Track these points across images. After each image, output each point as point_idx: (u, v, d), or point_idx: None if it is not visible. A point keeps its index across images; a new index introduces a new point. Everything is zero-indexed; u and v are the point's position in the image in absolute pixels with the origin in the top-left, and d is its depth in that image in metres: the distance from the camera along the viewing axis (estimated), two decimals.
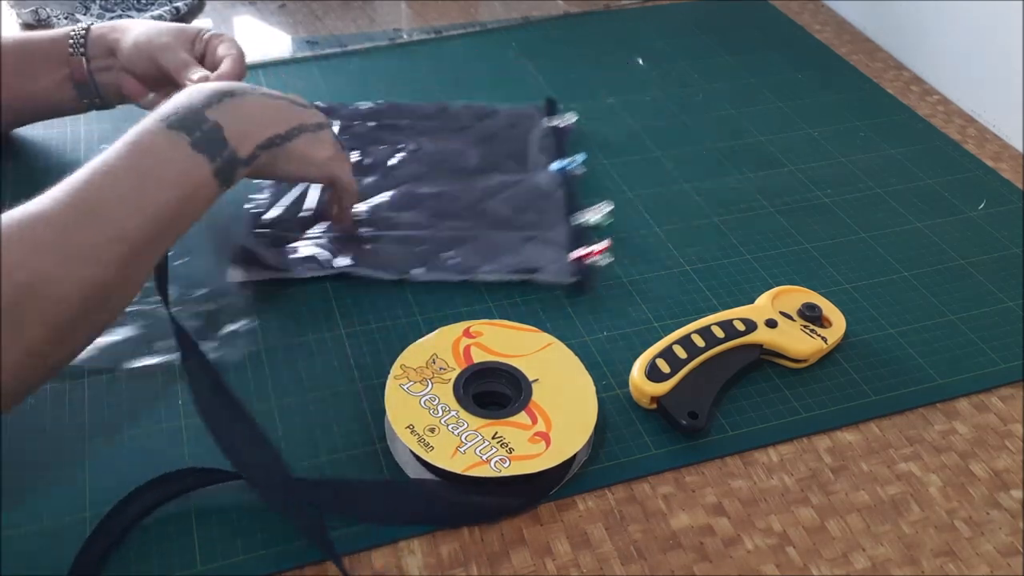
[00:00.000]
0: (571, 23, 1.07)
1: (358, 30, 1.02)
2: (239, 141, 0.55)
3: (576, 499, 0.53)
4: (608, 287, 0.68)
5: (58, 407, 0.56)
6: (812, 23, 1.10)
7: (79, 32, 0.70)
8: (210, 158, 0.53)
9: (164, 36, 0.69)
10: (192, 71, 0.67)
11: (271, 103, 0.59)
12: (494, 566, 0.49)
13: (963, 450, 0.58)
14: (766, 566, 0.50)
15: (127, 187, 0.50)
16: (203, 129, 0.54)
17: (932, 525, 0.53)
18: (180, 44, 0.69)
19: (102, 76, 0.71)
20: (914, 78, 1.00)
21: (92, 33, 0.70)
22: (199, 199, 0.54)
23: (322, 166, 0.62)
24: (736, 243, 0.73)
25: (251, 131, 0.56)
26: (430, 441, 0.52)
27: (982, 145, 0.88)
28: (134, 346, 0.60)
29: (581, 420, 0.54)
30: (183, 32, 0.70)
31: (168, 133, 0.53)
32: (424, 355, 0.57)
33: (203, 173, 0.53)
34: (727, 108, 0.92)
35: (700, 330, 0.61)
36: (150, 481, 0.50)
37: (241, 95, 0.57)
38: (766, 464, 0.56)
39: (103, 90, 0.72)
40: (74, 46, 0.70)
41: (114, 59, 0.71)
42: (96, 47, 0.70)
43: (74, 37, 0.70)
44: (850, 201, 0.79)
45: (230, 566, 0.48)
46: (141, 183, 0.51)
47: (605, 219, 0.72)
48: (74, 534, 0.49)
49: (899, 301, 0.68)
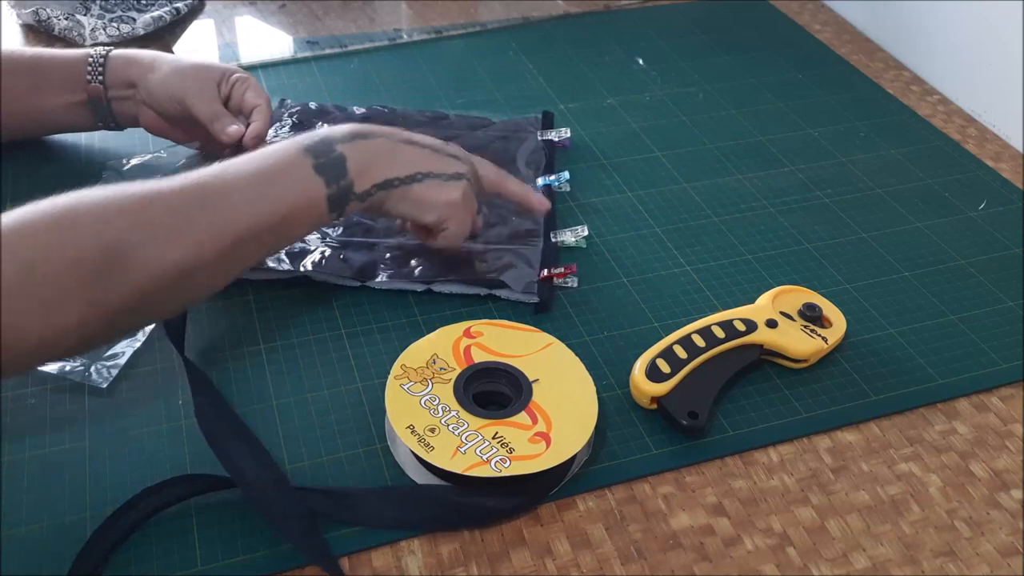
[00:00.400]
0: (571, 23, 1.07)
1: (358, 30, 1.02)
2: (358, 175, 0.57)
3: (576, 499, 0.53)
4: (608, 287, 0.68)
5: (59, 406, 0.56)
6: (812, 23, 1.10)
7: (98, 58, 0.71)
8: (327, 182, 0.56)
9: (193, 80, 0.70)
10: (226, 123, 0.69)
11: (401, 148, 0.60)
12: (494, 566, 0.49)
13: (963, 450, 0.58)
14: (766, 566, 0.50)
15: (246, 188, 0.53)
16: (329, 156, 0.56)
17: (932, 525, 0.53)
18: (210, 91, 0.70)
19: (119, 105, 0.73)
20: (914, 78, 1.00)
21: (111, 62, 0.71)
22: (307, 218, 0.56)
23: (439, 210, 0.61)
24: (736, 243, 0.73)
25: (372, 170, 0.58)
26: (430, 441, 0.52)
27: (982, 145, 0.88)
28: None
29: (581, 420, 0.54)
30: (210, 73, 0.71)
31: (299, 153, 0.55)
32: (424, 355, 0.57)
33: (318, 195, 0.55)
34: (727, 108, 0.92)
35: (700, 330, 0.61)
36: (150, 487, 0.50)
37: (373, 136, 0.59)
38: (766, 464, 0.56)
39: (119, 117, 0.74)
40: (92, 72, 0.71)
41: (133, 90, 0.72)
42: (115, 77, 0.71)
43: (92, 64, 0.71)
44: (850, 201, 0.79)
45: (230, 566, 0.48)
46: (260, 188, 0.53)
47: (581, 242, 0.72)
48: (74, 534, 0.49)
49: (899, 301, 0.68)
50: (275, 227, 0.54)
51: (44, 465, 0.53)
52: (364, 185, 0.58)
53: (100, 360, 0.58)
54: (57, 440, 0.54)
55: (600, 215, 0.75)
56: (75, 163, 0.77)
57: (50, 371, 0.57)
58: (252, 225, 0.52)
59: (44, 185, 0.49)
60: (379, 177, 0.58)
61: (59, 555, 0.48)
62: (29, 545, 0.49)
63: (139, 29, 0.96)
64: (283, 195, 0.54)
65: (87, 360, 0.58)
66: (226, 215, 0.51)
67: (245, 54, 0.96)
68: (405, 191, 0.59)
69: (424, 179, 0.60)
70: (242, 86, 0.71)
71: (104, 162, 0.76)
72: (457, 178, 0.61)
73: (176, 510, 0.51)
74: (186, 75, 0.70)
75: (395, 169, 0.59)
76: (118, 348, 0.59)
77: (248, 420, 0.55)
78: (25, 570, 0.47)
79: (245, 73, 0.72)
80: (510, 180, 0.67)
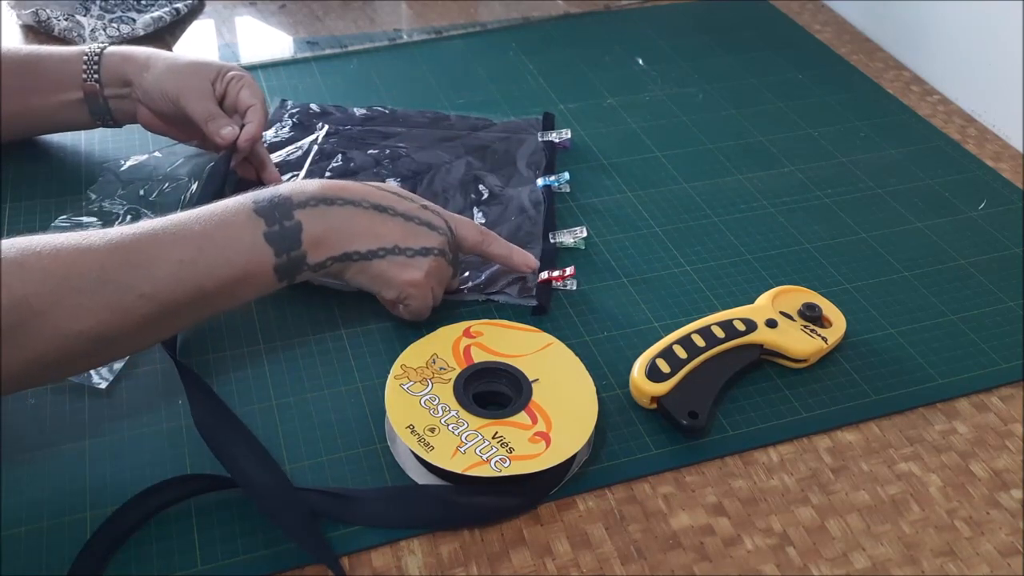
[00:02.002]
0: (571, 23, 1.07)
1: (358, 30, 1.02)
2: (313, 246, 0.54)
3: (576, 499, 0.53)
4: (608, 287, 0.68)
5: (59, 406, 0.56)
6: (812, 23, 1.10)
7: (92, 55, 0.70)
8: (276, 252, 0.53)
9: (188, 79, 0.69)
10: (220, 125, 0.68)
11: (367, 217, 0.57)
12: (494, 566, 0.49)
13: (963, 450, 0.58)
14: (766, 566, 0.50)
15: (185, 248, 0.50)
16: (283, 224, 0.53)
17: (932, 525, 0.53)
18: (205, 90, 0.69)
19: (116, 103, 0.72)
20: (914, 78, 1.00)
21: (105, 60, 0.70)
22: (250, 286, 0.53)
23: (398, 288, 0.58)
24: (736, 243, 0.73)
25: (331, 241, 0.55)
26: (430, 441, 0.52)
27: (982, 145, 0.88)
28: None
29: (581, 420, 0.54)
30: (205, 71, 0.70)
31: (251, 215, 0.53)
32: (424, 355, 0.57)
33: (263, 264, 0.53)
34: (727, 108, 0.92)
35: (700, 330, 0.61)
36: (151, 487, 0.50)
37: (339, 203, 0.56)
38: (766, 464, 0.56)
39: (116, 114, 0.73)
40: (87, 70, 0.70)
41: (129, 89, 0.71)
42: (110, 74, 0.70)
43: (87, 61, 0.70)
44: (850, 201, 0.79)
45: (230, 566, 0.48)
46: (201, 251, 0.50)
47: (580, 243, 0.71)
48: (74, 534, 0.49)
49: (899, 301, 0.68)
50: (211, 294, 0.51)
51: (44, 465, 0.53)
52: (318, 257, 0.55)
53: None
54: (57, 440, 0.54)
55: (600, 215, 0.75)
56: (73, 163, 0.77)
57: None
58: (185, 293, 0.50)
59: (43, 185, 0.49)
60: (336, 251, 0.55)
61: (59, 555, 0.48)
62: (29, 545, 0.49)
63: (139, 29, 0.96)
64: (225, 261, 0.51)
65: None
66: (155, 281, 0.48)
67: (245, 54, 0.96)
68: (364, 266, 0.56)
69: (386, 255, 0.57)
70: (237, 84, 0.70)
71: (102, 162, 0.76)
72: (424, 253, 0.58)
73: (176, 510, 0.51)
74: (181, 73, 0.69)
75: (356, 243, 0.56)
76: None
77: (248, 420, 0.55)
78: (25, 570, 0.47)
79: (241, 71, 0.71)
80: (493, 241, 0.63)
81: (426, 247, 0.58)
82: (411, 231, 0.58)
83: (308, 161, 0.77)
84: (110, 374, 0.58)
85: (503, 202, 0.75)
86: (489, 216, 0.73)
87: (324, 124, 0.82)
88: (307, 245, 0.54)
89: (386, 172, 0.77)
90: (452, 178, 0.77)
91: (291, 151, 0.79)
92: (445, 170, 0.78)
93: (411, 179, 0.76)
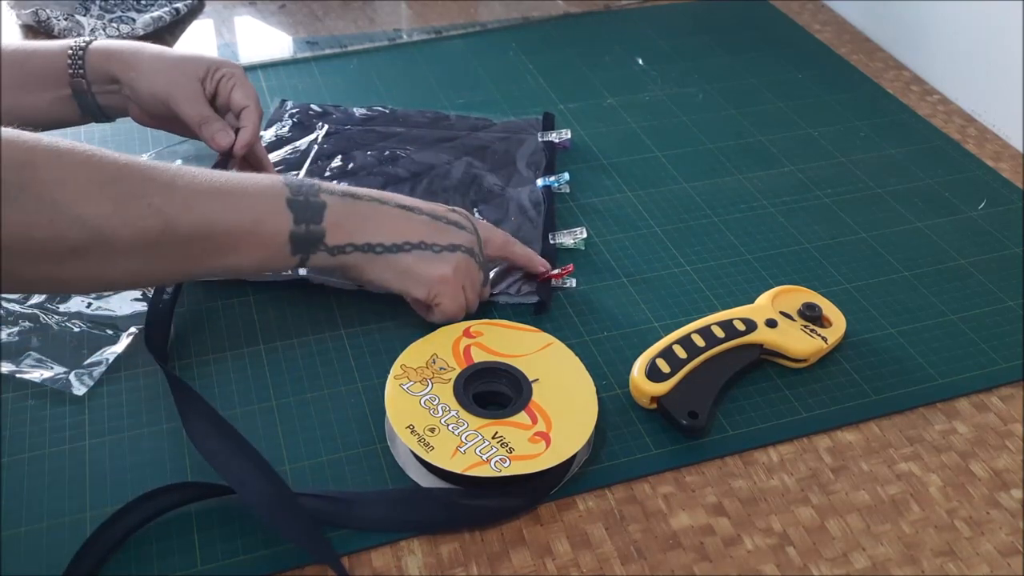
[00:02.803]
0: (571, 23, 1.07)
1: (358, 30, 1.02)
2: (334, 227, 0.54)
3: (576, 499, 0.53)
4: (608, 287, 0.68)
5: (59, 407, 0.56)
6: (812, 23, 1.10)
7: (77, 50, 0.68)
8: (295, 219, 0.53)
9: (177, 79, 0.67)
10: (214, 129, 0.67)
11: (391, 212, 0.57)
12: (494, 566, 0.49)
13: (963, 450, 0.58)
14: (766, 566, 0.50)
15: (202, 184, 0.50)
16: (308, 199, 0.53)
17: (932, 525, 0.53)
18: (194, 90, 0.67)
19: (104, 98, 0.70)
20: (914, 78, 1.00)
21: (90, 56, 0.68)
22: (262, 246, 0.53)
23: (427, 285, 0.58)
24: (736, 243, 0.73)
25: (353, 227, 0.55)
26: (430, 441, 0.52)
27: (982, 145, 0.88)
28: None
29: (581, 420, 0.54)
30: (193, 69, 0.68)
31: (278, 182, 0.53)
32: (424, 355, 0.57)
33: (280, 224, 0.53)
34: (727, 108, 0.92)
35: (700, 330, 0.61)
36: (150, 492, 0.50)
37: (366, 200, 0.56)
38: (766, 464, 0.56)
39: (107, 110, 0.71)
40: (72, 66, 0.68)
41: (117, 85, 0.69)
42: (95, 73, 0.68)
43: (72, 56, 0.68)
44: (850, 201, 0.79)
45: (230, 566, 0.48)
46: (218, 192, 0.51)
47: (580, 244, 0.71)
48: (74, 534, 0.49)
49: (899, 301, 0.68)
50: (220, 237, 0.50)
51: (44, 466, 0.53)
52: (338, 239, 0.55)
53: (79, 367, 0.58)
54: (57, 441, 0.54)
55: (600, 215, 0.75)
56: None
57: (32, 379, 0.57)
58: (193, 223, 0.49)
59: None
60: (359, 238, 0.55)
61: (59, 555, 0.48)
62: (29, 545, 0.49)
63: (139, 29, 0.96)
64: (245, 207, 0.51)
65: (66, 368, 0.58)
66: (169, 196, 0.48)
67: (245, 54, 0.96)
68: (390, 260, 0.56)
69: (413, 250, 0.56)
70: (228, 83, 0.68)
71: None
72: (452, 249, 0.57)
73: (176, 510, 0.51)
74: (168, 74, 0.67)
75: (380, 234, 0.56)
76: (97, 356, 0.59)
77: (248, 420, 0.56)
78: (25, 570, 0.47)
79: (232, 66, 0.69)
80: (516, 245, 0.65)
81: (454, 243, 0.58)
82: (438, 228, 0.58)
83: (308, 161, 0.77)
84: (90, 380, 0.57)
85: (503, 202, 0.75)
86: (489, 216, 0.73)
87: (324, 124, 0.82)
88: (328, 223, 0.54)
89: (386, 172, 0.77)
90: (452, 178, 0.77)
91: (290, 151, 0.79)
92: (445, 170, 0.77)
93: (411, 179, 0.76)
